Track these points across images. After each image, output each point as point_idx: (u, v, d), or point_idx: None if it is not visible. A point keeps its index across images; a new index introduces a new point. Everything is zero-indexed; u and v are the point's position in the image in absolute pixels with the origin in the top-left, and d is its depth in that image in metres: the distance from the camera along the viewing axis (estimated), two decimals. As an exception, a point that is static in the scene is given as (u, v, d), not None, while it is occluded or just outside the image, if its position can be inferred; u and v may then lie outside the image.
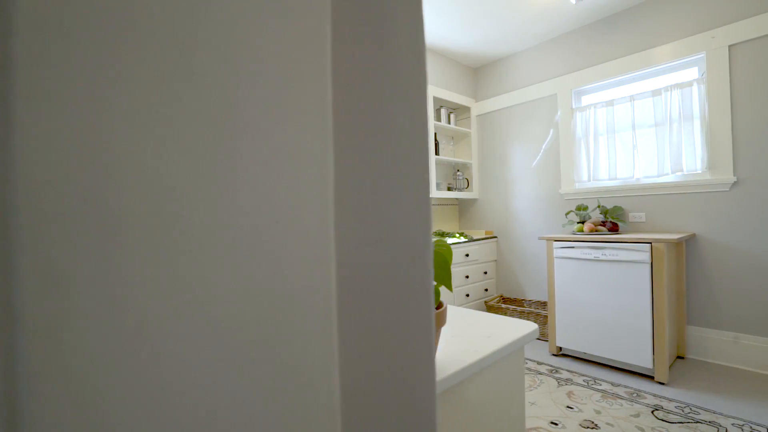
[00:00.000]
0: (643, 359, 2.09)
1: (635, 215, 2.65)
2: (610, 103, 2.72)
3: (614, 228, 2.50)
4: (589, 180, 2.85)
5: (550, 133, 3.10)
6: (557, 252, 2.47)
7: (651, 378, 2.11)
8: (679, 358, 2.39)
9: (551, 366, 2.35)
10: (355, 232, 0.22)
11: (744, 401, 1.83)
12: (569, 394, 1.97)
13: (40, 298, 0.15)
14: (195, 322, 0.16)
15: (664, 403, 1.84)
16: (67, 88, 0.15)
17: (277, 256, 0.18)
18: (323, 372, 0.19)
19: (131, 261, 0.15)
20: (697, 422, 1.67)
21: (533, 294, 3.23)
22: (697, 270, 2.38)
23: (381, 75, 0.23)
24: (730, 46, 2.23)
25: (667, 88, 2.45)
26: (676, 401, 1.86)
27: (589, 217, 2.67)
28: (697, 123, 2.37)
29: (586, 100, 2.99)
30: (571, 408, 1.83)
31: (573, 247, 2.39)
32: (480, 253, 3.21)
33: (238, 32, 0.16)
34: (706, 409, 1.77)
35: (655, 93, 2.50)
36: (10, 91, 0.14)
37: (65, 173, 0.15)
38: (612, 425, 1.67)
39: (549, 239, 2.52)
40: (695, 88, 2.36)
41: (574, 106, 2.95)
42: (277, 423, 0.18)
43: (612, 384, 2.07)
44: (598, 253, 2.27)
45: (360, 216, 0.22)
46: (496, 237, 3.44)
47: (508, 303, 3.36)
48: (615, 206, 2.63)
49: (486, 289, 3.27)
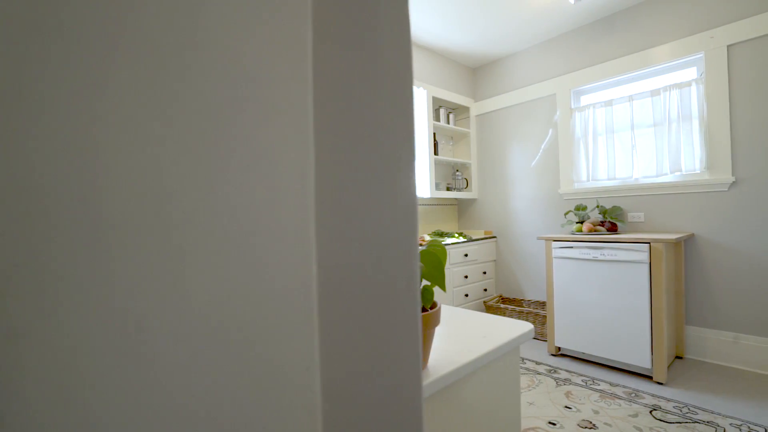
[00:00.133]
0: (641, 359, 2.09)
1: (634, 215, 2.65)
2: (608, 103, 2.72)
3: (613, 228, 2.50)
4: (587, 180, 2.85)
5: (549, 133, 3.10)
6: (556, 252, 2.47)
7: (649, 378, 2.11)
8: (677, 358, 2.38)
9: (550, 366, 2.35)
10: (339, 232, 0.22)
11: (742, 401, 1.83)
12: (567, 394, 1.97)
13: (33, 300, 0.15)
14: (168, 322, 0.16)
15: (663, 403, 1.84)
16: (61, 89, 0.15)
17: (256, 257, 0.18)
18: (304, 372, 0.19)
19: (110, 262, 0.15)
20: (695, 422, 1.67)
21: (532, 294, 3.23)
22: (695, 270, 2.38)
23: (366, 76, 0.23)
24: (728, 46, 2.23)
25: (666, 88, 2.45)
26: (675, 401, 1.86)
27: (588, 217, 2.67)
28: (696, 123, 2.37)
29: (585, 100, 2.99)
30: (570, 408, 1.83)
31: (572, 247, 2.39)
32: (479, 253, 3.21)
33: (215, 35, 0.17)
34: (704, 409, 1.77)
35: (654, 93, 2.50)
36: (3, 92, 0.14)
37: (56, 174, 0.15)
38: (610, 425, 1.67)
39: (548, 239, 2.52)
40: (694, 88, 2.36)
41: (573, 106, 2.95)
42: (257, 422, 0.18)
43: (610, 384, 2.07)
44: (596, 253, 2.27)
45: (344, 216, 0.22)
46: (495, 237, 3.44)
47: (507, 303, 3.36)
48: (614, 206, 2.63)
49: (485, 289, 3.27)
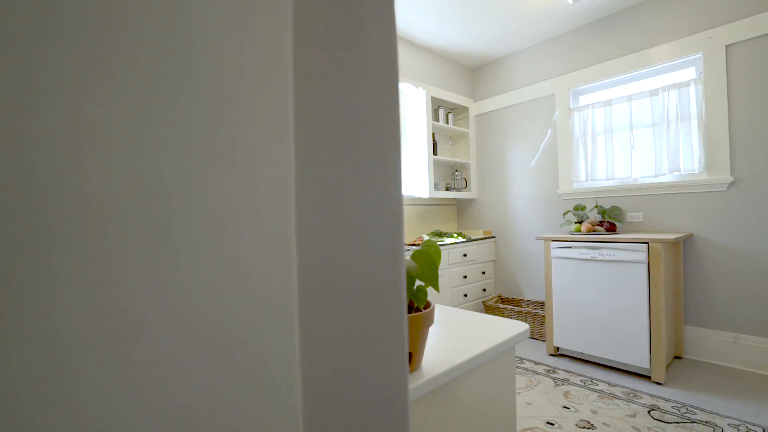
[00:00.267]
0: (640, 359, 2.09)
1: (633, 215, 2.65)
2: (607, 103, 2.72)
3: (612, 228, 2.50)
4: (586, 180, 2.85)
5: (548, 133, 3.10)
6: (555, 252, 2.47)
7: (648, 378, 2.11)
8: (676, 358, 2.38)
9: (548, 366, 2.35)
10: (322, 231, 0.22)
11: (740, 401, 1.83)
12: (566, 394, 1.97)
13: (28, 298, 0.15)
14: (141, 322, 0.16)
15: (661, 403, 1.84)
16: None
17: (233, 257, 0.18)
18: (284, 371, 0.19)
19: (66, 263, 0.15)
20: (693, 422, 1.67)
21: (531, 294, 3.23)
22: (694, 270, 2.38)
23: (350, 73, 0.23)
24: (727, 46, 2.23)
25: (665, 88, 2.45)
26: (673, 401, 1.86)
27: (587, 217, 2.67)
28: (695, 123, 2.37)
29: (583, 100, 2.99)
30: (568, 408, 1.83)
31: (570, 247, 2.39)
32: (478, 253, 3.21)
33: (190, 32, 0.17)
34: (702, 409, 1.77)
35: (653, 93, 2.50)
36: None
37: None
38: (608, 425, 1.67)
39: (546, 239, 2.52)
40: (692, 88, 2.36)
41: (571, 106, 2.95)
42: (234, 420, 0.18)
43: (609, 384, 2.07)
44: (595, 253, 2.27)
45: (328, 215, 0.22)
46: (494, 237, 3.44)
47: (506, 303, 3.36)
48: (613, 206, 2.63)
49: (484, 289, 3.27)
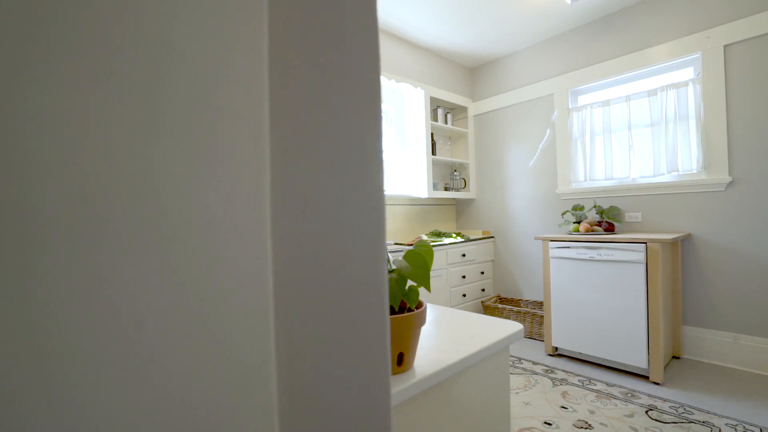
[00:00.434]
0: (638, 359, 2.09)
1: (631, 215, 2.65)
2: (606, 103, 2.72)
3: (610, 228, 2.50)
4: (585, 180, 2.85)
5: (547, 133, 3.10)
6: (553, 252, 2.47)
7: (646, 378, 2.11)
8: (674, 358, 2.38)
9: (547, 366, 2.35)
10: (299, 231, 0.22)
11: (738, 401, 1.83)
12: (564, 394, 1.97)
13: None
14: (116, 323, 0.16)
15: (659, 403, 1.84)
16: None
17: (207, 257, 0.18)
18: (259, 371, 0.19)
19: (52, 263, 0.16)
20: (691, 422, 1.67)
21: (530, 294, 3.23)
22: (692, 270, 2.38)
23: (328, 73, 0.23)
24: (725, 46, 2.23)
25: (663, 88, 2.45)
26: (671, 401, 1.86)
27: (586, 217, 2.67)
28: (693, 123, 2.37)
29: (582, 100, 2.99)
30: (566, 408, 1.83)
31: (569, 247, 2.39)
32: (477, 253, 3.21)
33: (163, 32, 0.17)
34: (700, 409, 1.77)
35: (651, 93, 2.50)
36: None
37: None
38: (606, 425, 1.67)
39: (545, 239, 2.52)
40: (691, 88, 2.36)
41: (570, 106, 2.95)
42: (208, 419, 0.18)
43: (607, 384, 2.07)
44: (593, 253, 2.27)
45: (305, 215, 0.22)
46: (493, 237, 3.44)
47: (504, 303, 3.36)
48: (611, 206, 2.63)
49: (483, 289, 3.27)
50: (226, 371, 0.18)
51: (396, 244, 2.94)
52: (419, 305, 0.59)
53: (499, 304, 3.10)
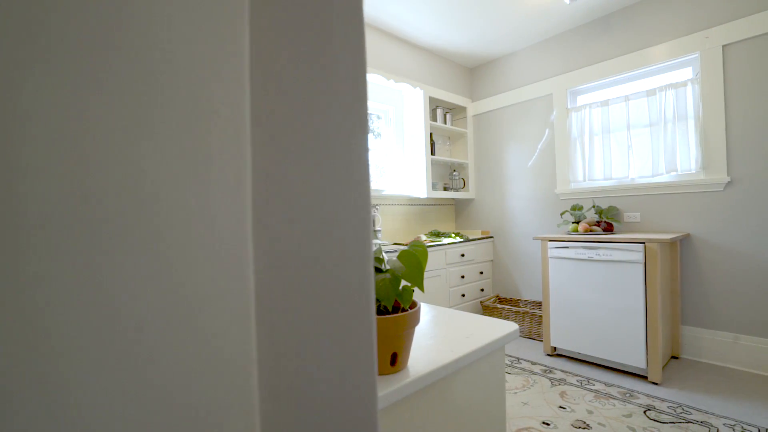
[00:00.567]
0: (636, 359, 2.09)
1: (630, 215, 2.65)
2: (605, 103, 2.71)
3: (609, 228, 2.50)
4: (584, 180, 2.85)
5: (546, 133, 3.10)
6: (552, 252, 2.47)
7: (644, 378, 2.11)
8: (673, 358, 2.38)
9: (545, 366, 2.35)
10: (282, 231, 0.22)
11: (736, 401, 1.83)
12: (562, 394, 1.97)
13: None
14: (97, 323, 0.16)
15: (657, 403, 1.84)
16: None
17: (186, 258, 0.18)
18: (240, 372, 0.19)
19: (42, 263, 0.15)
20: (689, 422, 1.67)
21: (529, 294, 3.23)
22: (691, 270, 2.38)
23: (312, 71, 0.23)
24: (724, 46, 2.23)
25: (662, 88, 2.44)
26: (669, 401, 1.86)
27: (584, 217, 2.67)
28: (692, 123, 2.37)
29: (581, 100, 2.99)
30: (564, 408, 1.83)
31: (567, 247, 2.39)
32: (476, 253, 3.21)
33: (145, 31, 0.17)
34: (698, 409, 1.77)
35: (650, 93, 2.50)
36: None
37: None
38: (604, 425, 1.67)
39: (544, 239, 2.52)
40: (689, 88, 2.36)
41: (569, 106, 2.95)
42: (188, 420, 0.18)
43: (605, 384, 2.07)
44: (592, 253, 2.27)
45: (288, 215, 0.22)
46: (492, 237, 3.44)
47: (503, 303, 3.36)
48: (610, 206, 2.63)
49: (482, 290, 3.26)
50: (208, 375, 0.18)
51: (395, 244, 2.94)
52: (413, 305, 0.59)
53: (498, 304, 3.10)
